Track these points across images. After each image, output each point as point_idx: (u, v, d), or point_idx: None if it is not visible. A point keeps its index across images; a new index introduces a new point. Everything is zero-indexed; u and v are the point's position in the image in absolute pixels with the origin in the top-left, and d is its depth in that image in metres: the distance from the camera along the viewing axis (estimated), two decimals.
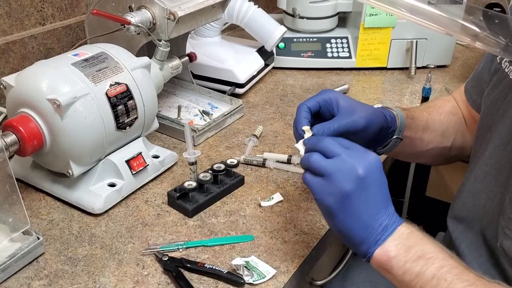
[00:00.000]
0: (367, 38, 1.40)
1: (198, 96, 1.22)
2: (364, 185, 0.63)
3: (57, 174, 0.88)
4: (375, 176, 0.64)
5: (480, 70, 0.91)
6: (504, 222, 0.71)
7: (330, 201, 0.64)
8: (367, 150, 0.66)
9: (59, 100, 0.77)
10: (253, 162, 1.01)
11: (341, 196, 0.63)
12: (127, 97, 0.86)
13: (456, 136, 0.94)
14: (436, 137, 0.92)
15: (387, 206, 0.65)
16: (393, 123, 0.83)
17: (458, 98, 0.98)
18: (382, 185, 0.65)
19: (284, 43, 1.44)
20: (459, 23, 0.59)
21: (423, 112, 0.93)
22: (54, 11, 1.14)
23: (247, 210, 0.88)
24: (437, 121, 0.93)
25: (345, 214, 0.64)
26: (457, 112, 0.96)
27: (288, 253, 0.79)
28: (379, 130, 0.79)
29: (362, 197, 0.63)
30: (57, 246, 0.79)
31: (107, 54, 0.88)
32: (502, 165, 0.75)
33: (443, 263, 0.61)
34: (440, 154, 0.95)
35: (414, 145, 0.90)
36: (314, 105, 0.76)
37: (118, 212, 0.86)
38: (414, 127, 0.88)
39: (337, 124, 0.74)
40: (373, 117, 0.77)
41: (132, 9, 0.97)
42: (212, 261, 0.77)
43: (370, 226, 0.64)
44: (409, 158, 0.99)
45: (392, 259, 0.63)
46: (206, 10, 1.04)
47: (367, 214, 0.64)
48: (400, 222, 0.65)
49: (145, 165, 0.90)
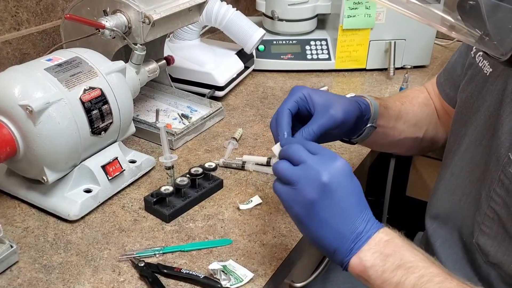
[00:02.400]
0: (345, 39, 1.41)
1: (177, 100, 1.21)
2: (330, 192, 0.61)
3: (32, 181, 0.87)
4: (342, 182, 0.61)
5: (453, 63, 0.91)
6: (480, 218, 0.71)
7: (297, 210, 0.62)
8: (335, 155, 0.64)
9: (32, 106, 0.76)
10: (232, 165, 1.00)
11: (307, 204, 0.61)
12: (102, 101, 0.85)
13: (429, 127, 0.95)
14: (409, 127, 0.93)
15: (360, 211, 0.62)
16: (367, 111, 0.82)
17: (430, 90, 0.98)
18: (352, 191, 0.62)
19: (264, 46, 1.44)
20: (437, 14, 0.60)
21: (396, 101, 0.93)
22: (29, 16, 1.13)
23: (226, 214, 0.88)
24: (410, 111, 0.93)
25: (313, 222, 0.62)
26: (429, 103, 0.96)
27: (266, 256, 0.79)
28: (356, 119, 0.79)
29: (329, 204, 0.61)
30: (32, 254, 0.78)
31: (81, 58, 0.87)
32: (477, 160, 0.76)
33: (424, 272, 0.58)
34: (412, 145, 0.95)
35: (387, 134, 0.90)
36: (293, 107, 0.75)
37: (94, 218, 0.85)
38: (387, 116, 0.88)
39: (316, 126, 0.73)
40: (349, 109, 0.77)
41: (107, 13, 0.96)
42: (189, 266, 0.76)
43: (341, 234, 0.61)
44: (382, 148, 0.99)
45: (369, 269, 0.60)
46: (183, 13, 1.03)
47: (337, 221, 0.61)
48: (378, 228, 0.62)
49: (122, 170, 0.90)
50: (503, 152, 0.68)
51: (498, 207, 0.68)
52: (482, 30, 0.57)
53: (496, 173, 0.69)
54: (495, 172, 0.69)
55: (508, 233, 0.67)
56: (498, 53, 0.58)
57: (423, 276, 0.58)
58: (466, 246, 0.75)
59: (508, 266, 0.67)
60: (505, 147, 0.68)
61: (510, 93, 0.70)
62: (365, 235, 0.61)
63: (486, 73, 0.77)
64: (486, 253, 0.70)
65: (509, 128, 0.68)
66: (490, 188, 0.70)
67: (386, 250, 0.61)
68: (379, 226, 0.63)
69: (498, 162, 0.69)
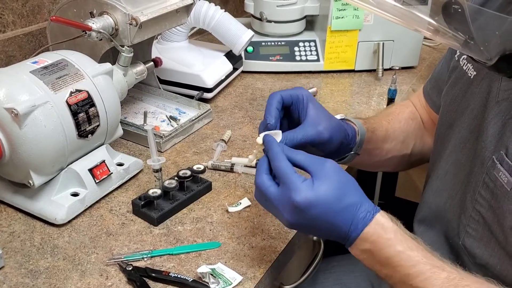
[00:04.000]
0: (334, 41, 1.41)
1: (165, 102, 1.21)
2: (314, 210, 0.62)
3: (18, 185, 0.86)
4: (328, 190, 0.62)
5: (439, 70, 0.92)
6: (466, 220, 0.72)
7: (288, 225, 0.65)
8: (321, 159, 0.65)
9: (17, 109, 0.75)
10: (221, 167, 1.00)
11: (291, 226, 0.64)
12: (89, 104, 0.84)
13: (416, 141, 0.95)
14: (396, 145, 0.93)
15: (361, 200, 0.64)
16: (352, 140, 0.83)
17: (416, 102, 0.98)
18: (343, 186, 0.63)
19: (253, 47, 1.44)
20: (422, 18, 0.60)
21: (382, 121, 0.93)
22: (15, 18, 1.12)
23: (214, 217, 0.87)
24: (397, 128, 0.93)
25: (311, 231, 0.65)
26: (415, 117, 0.97)
27: (255, 258, 0.78)
28: (339, 145, 0.79)
29: (320, 218, 0.62)
30: (18, 258, 0.77)
31: (67, 61, 0.86)
32: (462, 163, 0.76)
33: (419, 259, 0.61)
34: (400, 162, 0.96)
35: (373, 155, 0.90)
36: (287, 97, 0.76)
37: (81, 222, 0.85)
38: (374, 140, 0.88)
39: (301, 135, 0.73)
40: (336, 132, 0.77)
41: (94, 15, 0.95)
42: (177, 269, 0.76)
43: (341, 230, 0.63)
44: (368, 167, 0.99)
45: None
46: (170, 15, 1.03)
47: (337, 222, 0.63)
48: (377, 211, 0.64)
49: (109, 173, 0.89)
50: (487, 155, 0.68)
51: (483, 210, 0.69)
52: (466, 34, 0.58)
53: (481, 176, 0.69)
54: (479, 175, 0.70)
55: (493, 235, 0.67)
56: (484, 57, 0.58)
57: None
58: (453, 248, 0.76)
59: (495, 268, 0.68)
60: (490, 150, 0.68)
61: (494, 96, 0.70)
62: (370, 216, 0.63)
63: (470, 76, 0.77)
64: (473, 254, 0.71)
65: (494, 131, 0.68)
66: (475, 190, 0.70)
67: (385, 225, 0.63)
68: (376, 210, 0.64)
69: (482, 165, 0.69)
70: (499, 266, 0.67)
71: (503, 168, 0.65)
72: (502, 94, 0.69)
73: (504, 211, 0.65)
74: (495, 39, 0.57)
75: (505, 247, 0.65)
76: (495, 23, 0.56)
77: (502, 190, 0.65)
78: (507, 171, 0.64)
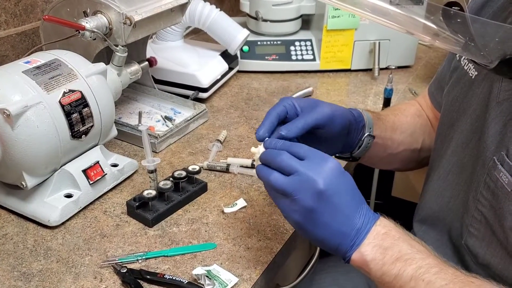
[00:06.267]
0: (330, 40, 1.40)
1: (161, 102, 1.20)
2: (327, 198, 0.63)
3: (11, 186, 0.85)
4: (337, 184, 0.64)
5: (442, 70, 0.92)
6: (468, 220, 0.72)
7: (297, 218, 0.65)
8: (324, 156, 0.65)
9: (9, 110, 0.74)
10: (216, 168, 0.99)
11: (306, 212, 0.63)
12: (82, 104, 0.83)
13: (425, 137, 0.94)
14: (406, 138, 0.92)
15: (357, 207, 0.65)
16: (360, 117, 0.83)
17: (422, 103, 0.98)
18: (346, 189, 0.65)
19: (248, 47, 1.43)
20: (420, 22, 0.59)
21: (388, 114, 0.93)
22: (8, 18, 1.11)
23: (210, 218, 0.86)
24: (404, 122, 0.93)
25: (313, 227, 0.64)
26: (421, 114, 0.96)
27: (251, 260, 0.78)
28: (348, 125, 0.79)
29: (327, 209, 0.63)
30: (11, 261, 0.76)
31: (60, 61, 0.85)
32: (464, 163, 0.76)
33: (421, 263, 0.62)
34: (410, 157, 0.95)
35: (386, 146, 0.89)
36: (282, 111, 0.75)
37: (75, 224, 0.84)
38: (382, 126, 0.88)
39: (303, 122, 0.73)
40: (337, 109, 0.77)
41: (87, 14, 0.94)
42: (172, 271, 0.75)
43: (341, 233, 0.64)
44: (381, 162, 0.98)
45: (369, 262, 0.63)
46: (165, 14, 1.02)
47: (336, 222, 0.64)
48: (375, 220, 0.65)
49: (103, 174, 0.88)
50: (488, 155, 0.68)
51: (485, 210, 0.69)
52: (467, 36, 0.57)
53: (482, 176, 0.69)
54: (481, 175, 0.69)
55: (495, 235, 0.67)
56: (485, 60, 0.58)
57: (420, 268, 0.61)
58: (456, 248, 0.75)
59: (497, 267, 0.67)
60: (491, 150, 0.68)
61: (495, 97, 0.70)
62: (364, 230, 0.64)
63: (471, 76, 0.77)
64: (475, 254, 0.71)
65: (494, 131, 0.68)
66: (477, 191, 0.70)
67: (385, 243, 0.63)
68: (375, 217, 0.65)
69: (484, 165, 0.69)
70: (501, 266, 0.67)
71: (504, 169, 0.65)
72: (503, 94, 0.69)
73: (504, 212, 0.64)
74: (494, 44, 0.57)
75: (506, 247, 0.65)
76: (493, 29, 0.56)
77: (503, 191, 0.65)
78: (507, 172, 0.64)
